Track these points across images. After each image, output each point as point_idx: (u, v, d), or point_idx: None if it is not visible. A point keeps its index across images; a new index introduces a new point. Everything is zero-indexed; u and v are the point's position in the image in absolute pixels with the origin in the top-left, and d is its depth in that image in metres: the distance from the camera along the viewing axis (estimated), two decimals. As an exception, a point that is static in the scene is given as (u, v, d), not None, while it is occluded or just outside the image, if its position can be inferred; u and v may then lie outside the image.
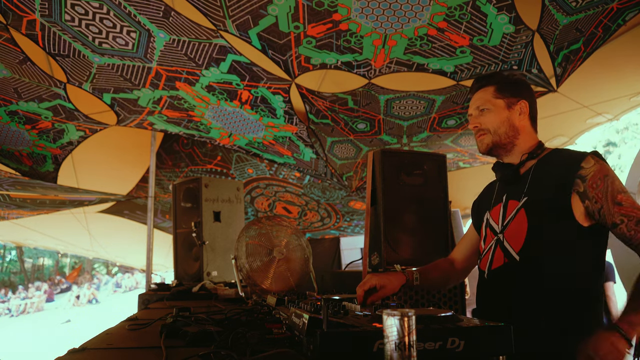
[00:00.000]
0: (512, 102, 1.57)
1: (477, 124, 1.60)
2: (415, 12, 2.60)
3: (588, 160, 1.41)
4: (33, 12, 2.70)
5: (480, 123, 1.59)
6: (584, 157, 1.42)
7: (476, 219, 1.74)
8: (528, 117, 1.58)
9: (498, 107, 1.57)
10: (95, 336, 1.56)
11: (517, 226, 1.46)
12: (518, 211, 1.47)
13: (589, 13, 2.66)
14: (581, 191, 1.38)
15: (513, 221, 1.48)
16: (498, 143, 1.58)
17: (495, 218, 1.56)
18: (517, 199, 1.50)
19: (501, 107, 1.57)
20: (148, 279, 4.56)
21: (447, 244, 3.38)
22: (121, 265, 19.35)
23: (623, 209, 1.34)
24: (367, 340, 0.97)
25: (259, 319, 1.67)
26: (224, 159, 5.71)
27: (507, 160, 1.60)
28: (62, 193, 5.38)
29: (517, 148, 1.57)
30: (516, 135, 1.57)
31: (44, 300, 22.26)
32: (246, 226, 3.05)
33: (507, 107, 1.57)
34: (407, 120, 4.08)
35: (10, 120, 3.97)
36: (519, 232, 1.44)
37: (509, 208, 1.52)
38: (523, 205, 1.46)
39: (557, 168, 1.46)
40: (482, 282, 1.59)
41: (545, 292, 1.40)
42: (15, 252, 32.02)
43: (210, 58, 3.13)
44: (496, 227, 1.54)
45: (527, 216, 1.44)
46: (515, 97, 1.57)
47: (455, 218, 4.58)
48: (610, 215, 1.35)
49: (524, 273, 1.43)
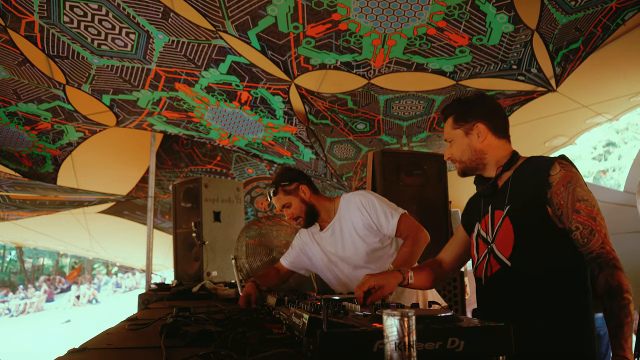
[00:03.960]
0: (468, 128, 1.64)
1: (450, 155, 1.71)
2: (415, 11, 2.61)
3: (555, 167, 1.46)
4: (32, 13, 2.70)
5: (451, 154, 1.70)
6: (552, 165, 1.48)
7: (467, 226, 1.81)
8: (490, 135, 1.63)
9: (458, 137, 1.66)
10: (95, 336, 1.56)
11: (505, 234, 1.53)
12: (503, 220, 1.54)
13: (588, 12, 2.66)
14: (548, 197, 1.45)
15: (500, 229, 1.55)
16: (467, 168, 1.67)
17: (485, 228, 1.64)
18: (501, 208, 1.57)
19: (460, 137, 1.66)
20: (148, 279, 4.56)
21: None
22: (121, 265, 19.36)
23: (580, 216, 1.40)
24: (367, 340, 0.97)
25: (259, 319, 1.67)
26: (224, 159, 5.71)
27: (486, 174, 1.67)
28: (62, 194, 5.37)
29: (489, 165, 1.64)
30: (482, 157, 1.64)
31: (44, 300, 22.26)
32: (246, 226, 3.06)
33: (466, 134, 1.64)
34: (406, 120, 4.08)
35: (9, 122, 3.97)
36: (507, 239, 1.52)
37: (495, 218, 1.59)
38: (507, 214, 1.53)
39: (530, 177, 1.53)
40: (480, 289, 1.65)
41: (539, 292, 1.47)
42: (15, 252, 32.02)
43: (210, 59, 3.13)
44: (487, 237, 1.62)
45: (512, 224, 1.51)
46: (469, 123, 1.64)
47: (455, 218, 4.59)
48: (568, 222, 1.42)
49: (516, 276, 1.50)
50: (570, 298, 1.45)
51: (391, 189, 3.22)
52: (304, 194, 2.23)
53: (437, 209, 3.40)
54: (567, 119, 4.59)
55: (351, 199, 2.21)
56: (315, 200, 2.25)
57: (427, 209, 3.33)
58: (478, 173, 1.68)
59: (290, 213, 2.23)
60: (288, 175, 2.26)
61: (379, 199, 2.18)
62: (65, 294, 23.60)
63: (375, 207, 2.14)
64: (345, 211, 2.21)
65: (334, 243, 2.23)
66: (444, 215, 3.42)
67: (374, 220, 2.13)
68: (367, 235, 2.15)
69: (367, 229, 2.14)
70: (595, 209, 1.41)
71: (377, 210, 2.13)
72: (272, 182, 2.28)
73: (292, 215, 2.24)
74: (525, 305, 1.48)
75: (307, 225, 2.28)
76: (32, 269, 33.12)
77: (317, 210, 2.25)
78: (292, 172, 2.32)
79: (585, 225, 1.39)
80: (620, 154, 18.59)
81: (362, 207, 2.15)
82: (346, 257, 2.21)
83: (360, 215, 2.14)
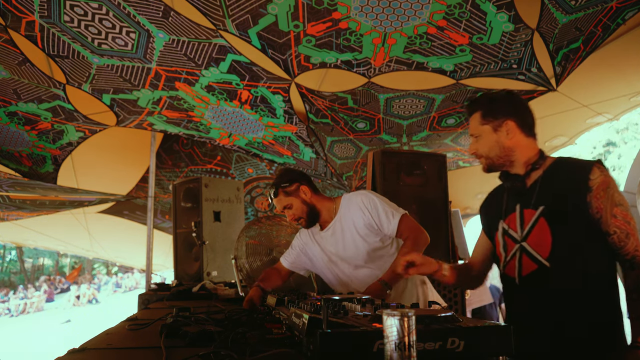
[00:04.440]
0: (497, 125, 1.63)
1: (474, 150, 1.70)
2: (415, 10, 2.60)
3: (594, 172, 1.50)
4: (32, 13, 2.70)
5: (476, 149, 1.69)
6: (591, 169, 1.51)
7: (488, 226, 1.80)
8: (519, 133, 1.63)
9: (486, 133, 1.65)
10: (95, 336, 1.56)
11: (540, 234, 1.54)
12: (538, 219, 1.55)
13: (588, 12, 2.66)
14: (587, 201, 1.48)
15: (535, 229, 1.56)
16: (494, 165, 1.67)
17: (513, 226, 1.63)
18: (532, 207, 1.58)
19: (488, 132, 1.64)
20: (148, 279, 4.56)
21: (447, 244, 3.38)
22: (121, 265, 19.35)
23: (617, 220, 1.47)
24: (367, 340, 0.97)
25: (259, 319, 1.67)
26: (224, 159, 5.70)
27: (513, 171, 1.66)
28: (62, 194, 5.37)
29: (516, 162, 1.64)
30: (510, 154, 1.63)
31: (44, 300, 22.26)
32: (246, 226, 3.05)
33: (494, 131, 1.64)
34: (406, 120, 4.08)
35: (9, 121, 3.97)
36: (543, 239, 1.53)
37: (525, 216, 1.60)
38: (542, 214, 1.55)
39: (566, 179, 1.55)
40: (514, 288, 1.64)
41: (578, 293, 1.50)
42: (15, 252, 32.03)
43: (210, 58, 3.13)
44: (516, 235, 1.62)
45: (549, 224, 1.53)
46: (499, 120, 1.63)
47: (455, 218, 4.58)
48: (606, 225, 1.48)
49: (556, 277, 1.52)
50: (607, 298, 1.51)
51: (391, 188, 3.22)
52: (305, 194, 2.23)
53: (437, 209, 3.40)
54: (567, 118, 4.59)
55: (352, 199, 2.21)
56: (316, 200, 2.25)
57: (427, 209, 3.33)
58: (504, 169, 1.68)
59: (292, 214, 2.23)
60: (288, 176, 2.26)
61: (380, 199, 2.18)
62: (65, 294, 23.60)
63: (376, 206, 2.13)
64: (346, 211, 2.21)
65: (335, 243, 2.23)
66: (444, 215, 3.41)
67: (375, 220, 2.12)
68: (368, 234, 2.14)
69: (368, 229, 2.14)
70: (629, 213, 1.49)
71: (379, 210, 2.13)
72: (273, 183, 2.28)
73: (294, 216, 2.23)
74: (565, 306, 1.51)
75: (309, 225, 2.27)
76: (32, 269, 33.13)
77: (318, 210, 2.25)
78: (292, 172, 2.32)
79: (622, 229, 1.47)
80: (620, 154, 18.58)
81: (363, 206, 2.15)
82: (347, 257, 2.21)
83: (361, 215, 2.14)
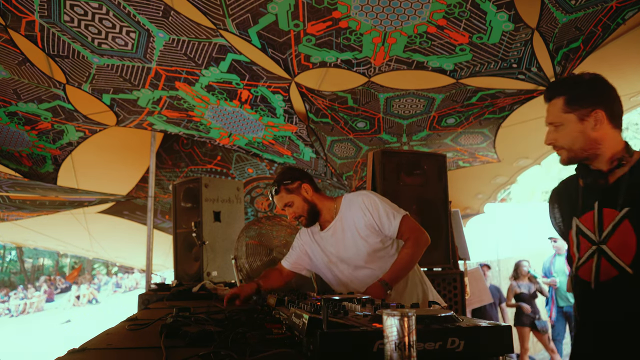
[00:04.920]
0: (584, 114, 1.45)
1: (552, 141, 1.52)
2: (415, 9, 2.60)
3: None
4: (32, 13, 2.70)
5: (555, 139, 1.51)
6: None
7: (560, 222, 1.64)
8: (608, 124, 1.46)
9: (569, 122, 1.47)
10: (95, 336, 1.55)
11: (623, 238, 1.39)
12: (621, 221, 1.40)
13: (588, 11, 2.65)
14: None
15: (616, 231, 1.40)
16: (576, 157, 1.50)
17: (590, 226, 1.48)
18: (613, 207, 1.42)
19: (572, 122, 1.47)
20: (148, 279, 4.56)
21: (447, 244, 3.38)
22: (121, 265, 19.35)
23: None
24: (367, 340, 0.97)
25: (259, 319, 1.66)
26: (224, 159, 5.70)
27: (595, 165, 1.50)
28: (62, 194, 5.37)
29: (601, 156, 1.48)
30: (596, 147, 1.47)
31: (44, 300, 22.27)
32: (246, 226, 3.06)
33: (580, 120, 1.46)
34: (406, 119, 4.08)
35: (9, 121, 3.97)
36: (627, 244, 1.38)
37: (605, 216, 1.44)
38: (626, 216, 1.39)
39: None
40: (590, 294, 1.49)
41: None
42: (15, 252, 32.04)
43: (210, 57, 3.12)
44: (593, 236, 1.47)
45: (634, 228, 1.37)
46: (587, 108, 1.45)
47: (455, 218, 4.58)
48: None
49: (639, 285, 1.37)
50: None
51: (391, 188, 3.22)
52: (306, 192, 2.23)
53: (437, 209, 3.40)
54: (568, 118, 4.58)
55: (353, 199, 2.21)
56: (317, 199, 2.25)
57: (427, 209, 3.33)
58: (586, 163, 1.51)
59: (292, 212, 2.23)
60: (290, 174, 2.26)
61: (381, 199, 2.18)
62: (65, 294, 23.61)
63: (377, 207, 2.13)
64: (347, 211, 2.21)
65: (335, 243, 2.23)
66: (444, 215, 3.41)
67: (376, 220, 2.12)
68: (368, 235, 2.14)
69: (369, 229, 2.14)
70: None
71: (380, 210, 2.13)
72: (275, 180, 2.28)
73: (294, 214, 2.23)
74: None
75: (309, 224, 2.27)
76: (32, 269, 33.14)
77: (319, 209, 2.25)
78: (295, 171, 2.32)
79: None
80: (621, 154, 18.59)
81: (364, 207, 2.14)
82: (347, 257, 2.20)
83: (362, 216, 2.14)
